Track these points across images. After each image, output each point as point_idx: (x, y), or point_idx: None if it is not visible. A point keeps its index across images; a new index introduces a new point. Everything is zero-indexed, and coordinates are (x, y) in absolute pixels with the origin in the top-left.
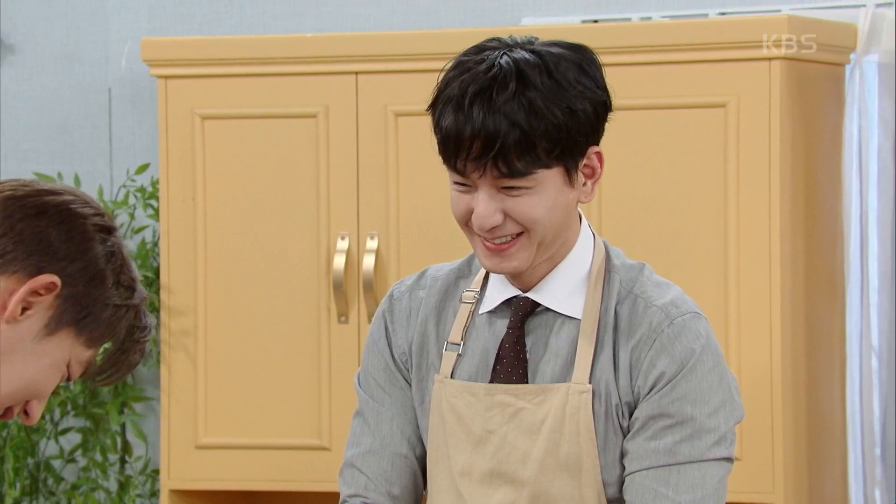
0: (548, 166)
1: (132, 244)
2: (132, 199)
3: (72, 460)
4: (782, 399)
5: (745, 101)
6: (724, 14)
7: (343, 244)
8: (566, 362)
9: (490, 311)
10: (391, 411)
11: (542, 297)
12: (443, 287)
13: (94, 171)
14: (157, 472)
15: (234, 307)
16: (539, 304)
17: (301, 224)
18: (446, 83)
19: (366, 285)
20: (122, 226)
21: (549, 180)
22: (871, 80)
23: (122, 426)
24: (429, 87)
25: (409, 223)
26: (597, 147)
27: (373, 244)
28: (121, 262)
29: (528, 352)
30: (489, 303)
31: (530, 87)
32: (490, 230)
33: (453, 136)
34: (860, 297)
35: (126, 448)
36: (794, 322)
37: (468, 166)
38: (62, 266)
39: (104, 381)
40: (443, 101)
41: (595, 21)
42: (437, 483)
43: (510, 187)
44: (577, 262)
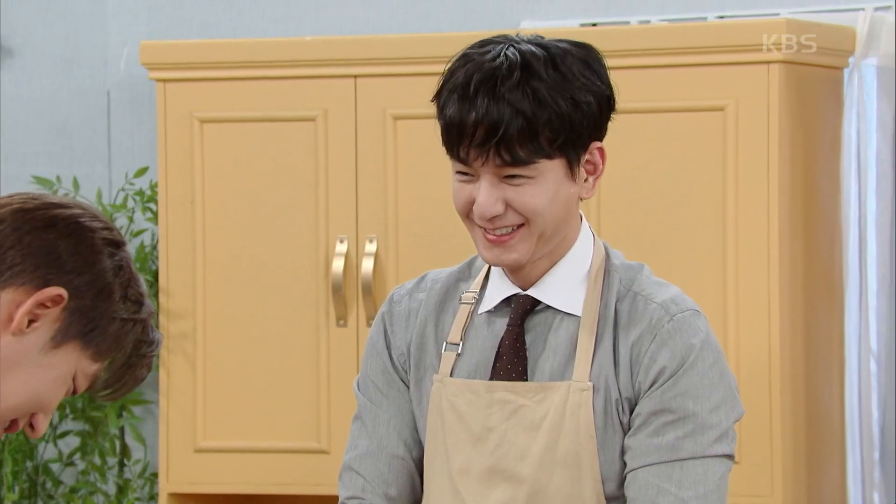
0: (550, 157)
1: (131, 248)
2: (131, 203)
3: (70, 464)
4: (781, 402)
5: (743, 104)
6: (722, 17)
7: (342, 247)
8: (565, 359)
9: (489, 311)
10: (388, 414)
11: (542, 294)
12: (442, 289)
13: (93, 175)
14: (155, 475)
15: (233, 310)
16: (539, 302)
17: (300, 227)
18: (451, 73)
19: (364, 289)
20: (120, 229)
21: (550, 171)
22: (870, 84)
23: (121, 429)
24: (428, 91)
25: (407, 226)
26: (599, 143)
27: (371, 247)
28: (129, 276)
29: (527, 349)
30: (488, 302)
31: (535, 77)
32: (491, 220)
33: (457, 124)
34: (859, 300)
35: (125, 451)
36: (792, 325)
37: (471, 154)
38: (69, 279)
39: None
40: (447, 90)
41: (594, 24)
42: (433, 482)
43: (512, 176)
44: (577, 260)
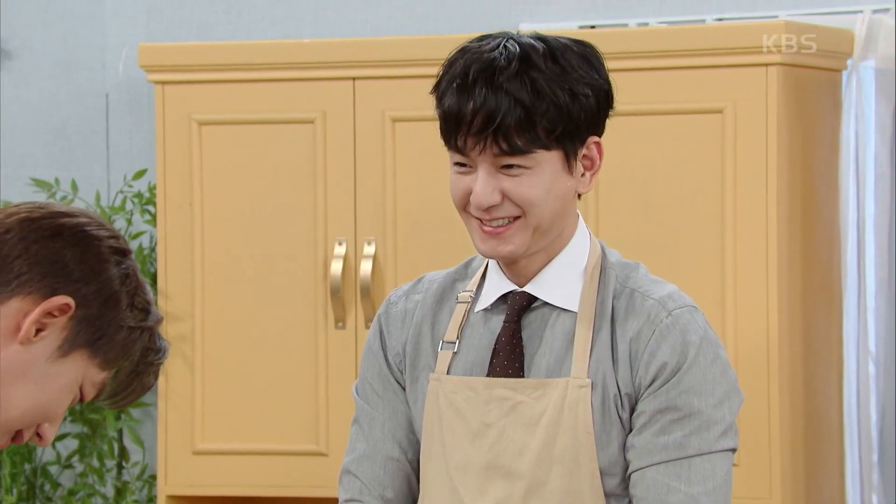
0: (547, 147)
1: None
2: (129, 205)
3: (69, 466)
4: (779, 404)
5: (742, 106)
6: (721, 20)
7: (340, 250)
8: (561, 355)
9: (485, 309)
10: (383, 416)
11: (539, 290)
12: (439, 290)
13: (92, 177)
14: (154, 477)
15: (232, 313)
16: (535, 299)
17: (298, 229)
18: (450, 64)
19: (363, 291)
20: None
21: (547, 163)
22: (868, 86)
23: (120, 432)
24: (426, 93)
25: (406, 228)
26: (597, 138)
27: (370, 250)
28: (135, 284)
29: (524, 345)
30: (485, 300)
31: (534, 68)
32: (487, 210)
33: (455, 113)
34: (857, 302)
35: (123, 454)
36: (791, 327)
37: (468, 142)
38: (77, 288)
39: (117, 404)
40: (446, 81)
41: (592, 27)
42: (430, 480)
43: (509, 166)
44: (573, 256)
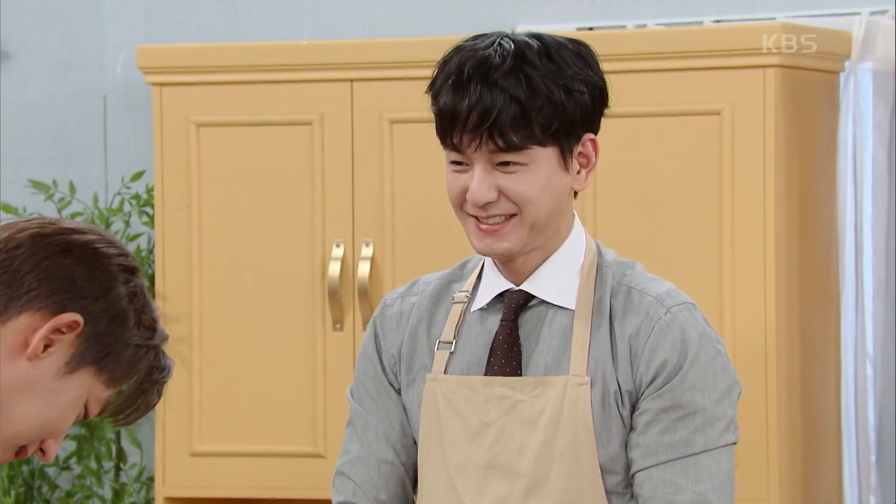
0: (542, 143)
1: None
2: (127, 207)
3: (66, 468)
4: (777, 406)
5: (739, 108)
6: (718, 22)
7: (338, 251)
8: (559, 353)
9: (482, 309)
10: (377, 419)
11: (535, 288)
12: (435, 291)
13: (90, 178)
14: (152, 479)
15: (230, 314)
16: (532, 297)
17: (296, 231)
18: (445, 63)
19: (361, 292)
20: (116, 233)
21: (543, 160)
22: (866, 88)
23: (117, 433)
24: (424, 95)
25: (404, 230)
26: (593, 135)
27: (368, 251)
28: (143, 302)
29: (521, 344)
30: (481, 300)
31: (529, 65)
32: (483, 207)
33: (450, 110)
34: (855, 304)
35: (121, 455)
36: (788, 328)
37: (464, 140)
38: (85, 304)
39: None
40: (441, 79)
41: (590, 28)
42: (428, 480)
43: (505, 163)
44: (569, 254)
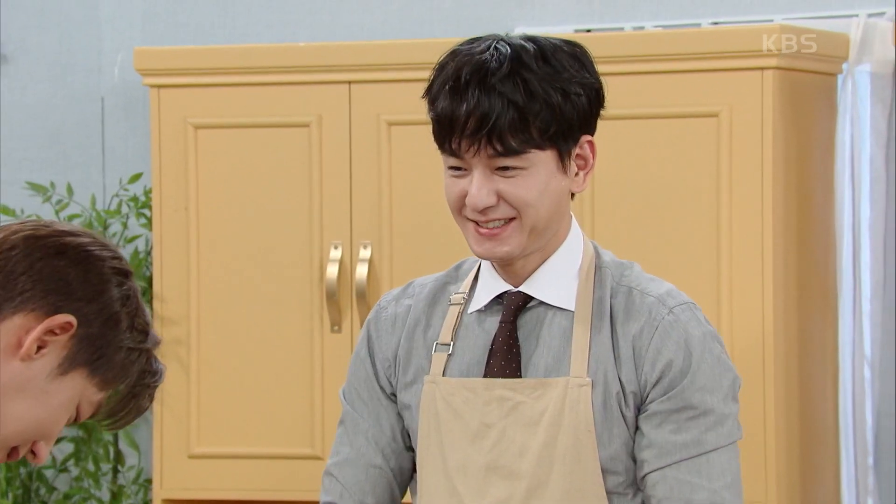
0: (541, 147)
1: (125, 254)
2: (125, 209)
3: (64, 470)
4: (775, 408)
5: (737, 110)
6: (716, 24)
7: (336, 253)
8: (558, 354)
9: (479, 310)
10: (367, 423)
11: (534, 289)
12: (431, 293)
13: (87, 180)
14: (149, 481)
15: (227, 316)
16: (531, 299)
17: (294, 233)
18: (441, 67)
19: (359, 294)
20: (114, 235)
21: (542, 163)
22: (864, 90)
23: (115, 436)
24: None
25: (402, 232)
26: (590, 137)
27: (366, 253)
28: (136, 306)
29: (520, 346)
30: (478, 302)
31: (526, 69)
32: (483, 212)
33: (448, 116)
34: (853, 306)
35: (118, 457)
36: (786, 331)
37: (462, 145)
38: (79, 306)
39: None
40: (438, 84)
41: (588, 30)
42: (428, 482)
43: (504, 168)
44: (567, 255)
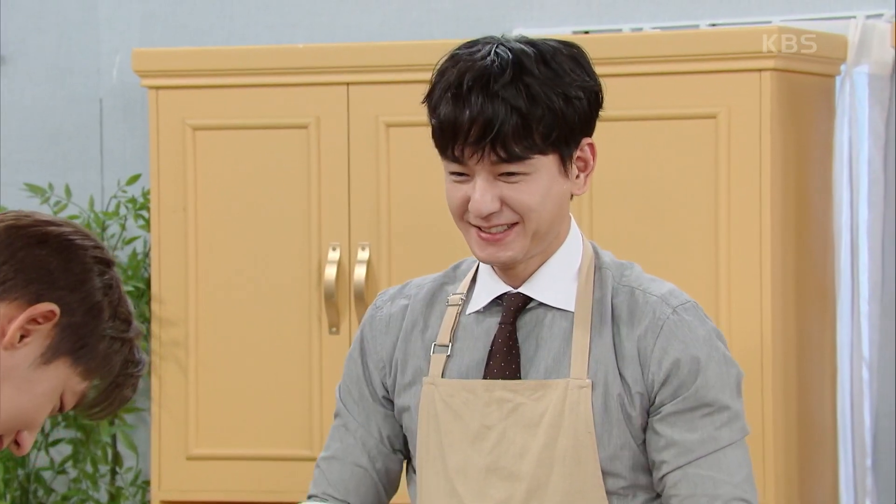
0: (543, 152)
1: (123, 255)
2: (123, 210)
3: (62, 472)
4: (773, 409)
5: (735, 112)
6: (714, 25)
7: (334, 254)
8: (559, 355)
9: (478, 311)
10: (356, 423)
11: (534, 290)
12: (428, 294)
13: (86, 182)
14: (148, 483)
15: (226, 318)
16: (531, 300)
17: (292, 234)
18: (442, 73)
19: (357, 296)
20: (112, 237)
21: (544, 168)
22: (862, 92)
23: (113, 437)
24: (420, 98)
25: (400, 233)
26: (590, 139)
27: (364, 254)
28: (118, 295)
29: (520, 347)
30: (477, 303)
31: (527, 73)
32: (486, 217)
33: (451, 122)
34: (851, 307)
35: (117, 459)
36: (784, 332)
37: (465, 152)
38: (61, 295)
39: (97, 415)
40: (440, 90)
41: (586, 32)
42: (427, 483)
43: (507, 173)
44: (567, 256)
